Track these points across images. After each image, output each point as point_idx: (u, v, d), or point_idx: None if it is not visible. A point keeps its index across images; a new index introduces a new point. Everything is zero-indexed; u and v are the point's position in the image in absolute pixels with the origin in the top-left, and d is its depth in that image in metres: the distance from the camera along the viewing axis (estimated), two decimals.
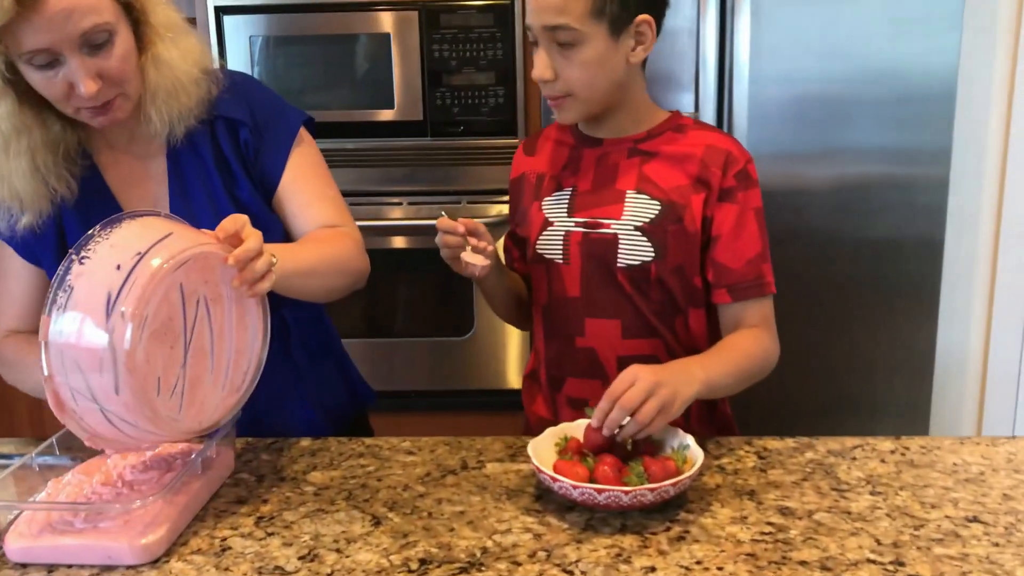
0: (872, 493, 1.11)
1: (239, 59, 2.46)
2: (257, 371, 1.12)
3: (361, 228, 1.42)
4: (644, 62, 1.34)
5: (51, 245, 1.29)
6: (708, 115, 2.21)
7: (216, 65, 1.34)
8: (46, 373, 0.96)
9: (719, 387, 1.23)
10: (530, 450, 1.12)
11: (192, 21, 2.47)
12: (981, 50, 2.36)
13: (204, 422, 1.06)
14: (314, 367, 1.43)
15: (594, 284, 1.35)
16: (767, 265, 1.34)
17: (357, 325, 2.57)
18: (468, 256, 1.26)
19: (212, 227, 1.07)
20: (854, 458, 1.20)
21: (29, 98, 1.18)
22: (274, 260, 1.08)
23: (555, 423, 1.23)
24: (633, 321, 1.35)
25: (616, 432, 1.10)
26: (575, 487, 1.04)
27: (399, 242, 2.53)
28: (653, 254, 1.31)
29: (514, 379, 2.61)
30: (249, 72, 2.45)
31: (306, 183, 1.36)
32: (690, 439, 1.14)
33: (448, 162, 2.51)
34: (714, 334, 1.37)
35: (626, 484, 1.05)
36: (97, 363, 0.92)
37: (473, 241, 1.27)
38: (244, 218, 1.07)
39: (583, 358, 1.39)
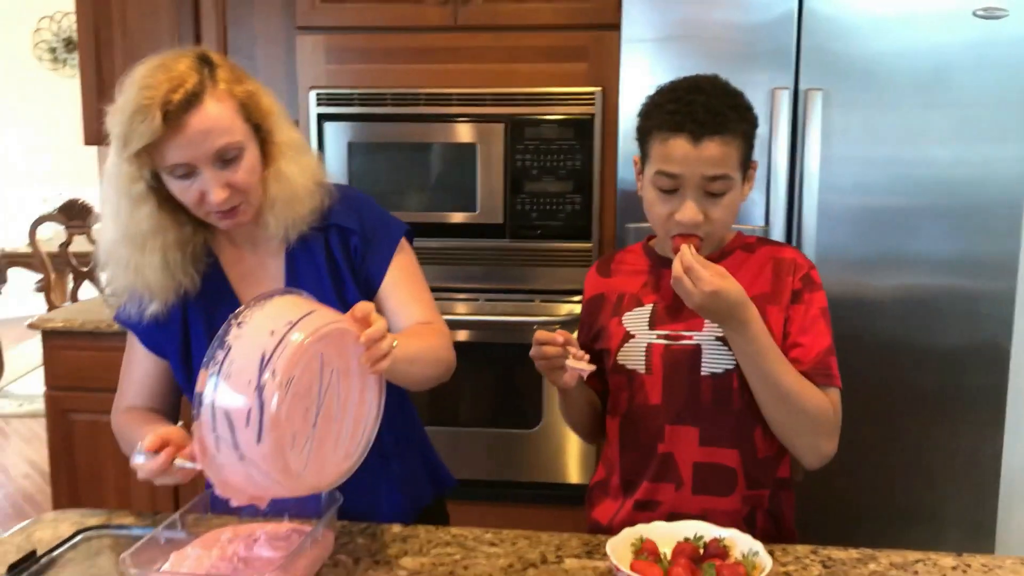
0: None
1: (337, 161, 2.66)
2: (369, 442, 1.23)
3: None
4: None
5: (176, 336, 1.45)
6: (778, 223, 2.31)
7: (328, 179, 1.49)
8: (197, 421, 1.08)
9: (757, 353, 1.35)
10: (608, 549, 1.21)
11: (295, 123, 2.71)
12: None
13: (322, 482, 1.17)
14: (399, 450, 1.54)
15: (676, 392, 1.44)
16: (833, 359, 1.44)
17: (430, 414, 2.68)
18: (573, 363, 1.35)
19: None
20: (915, 572, 1.26)
21: (167, 202, 1.36)
22: (394, 344, 1.20)
23: (616, 529, 1.30)
24: (711, 429, 1.44)
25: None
26: None
27: (476, 336, 2.65)
28: (735, 363, 1.41)
29: (575, 474, 2.70)
30: (345, 173, 2.65)
31: (404, 285, 1.50)
32: (759, 546, 1.22)
33: (525, 263, 2.65)
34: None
35: None
36: (245, 415, 1.05)
37: (572, 350, 1.37)
38: (371, 305, 1.20)
39: (660, 463, 1.47)
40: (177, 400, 1.54)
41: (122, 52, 3.05)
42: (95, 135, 3.12)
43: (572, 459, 2.70)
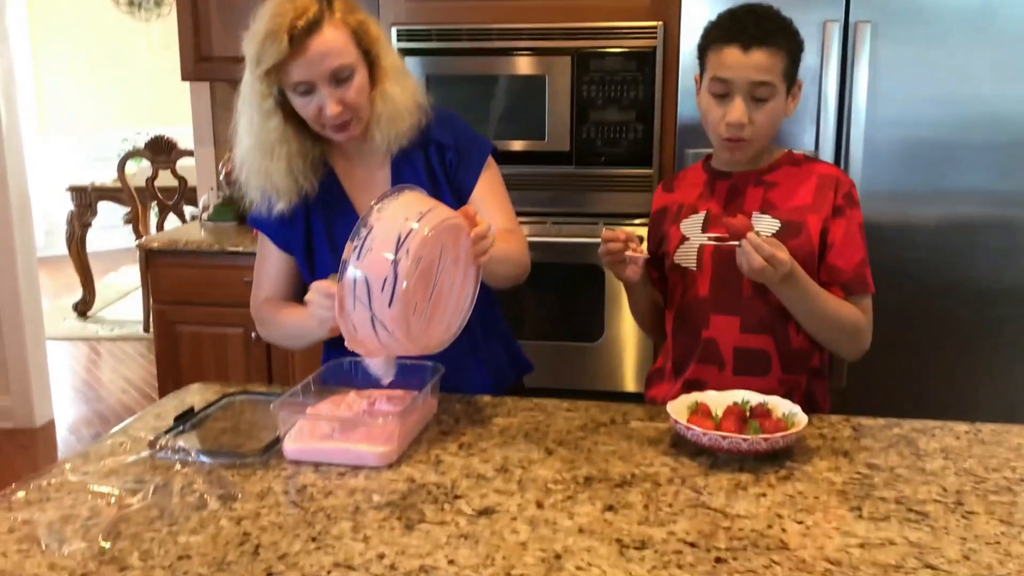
0: (945, 458, 1.38)
1: None
2: (465, 319, 1.47)
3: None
4: None
5: (300, 235, 1.70)
6: (827, 153, 2.47)
7: (425, 101, 1.72)
8: (340, 282, 1.32)
9: (801, 299, 1.56)
10: (669, 408, 1.44)
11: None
12: None
13: (431, 344, 1.41)
14: (485, 336, 1.78)
15: (721, 286, 1.67)
16: (869, 270, 1.66)
17: None
18: (631, 253, 1.59)
19: None
20: (933, 434, 1.48)
21: (292, 118, 1.60)
22: (493, 241, 1.44)
23: None
24: (750, 319, 1.66)
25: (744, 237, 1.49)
26: (704, 434, 1.35)
27: (543, 257, 2.88)
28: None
29: (632, 383, 2.92)
30: None
31: (491, 196, 1.72)
32: (798, 409, 1.44)
33: (589, 188, 2.86)
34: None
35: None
36: (381, 282, 1.29)
37: (633, 245, 1.60)
38: (476, 208, 1.44)
39: (705, 348, 1.70)
40: (304, 292, 1.80)
41: None
42: (190, 72, 3.38)
43: (630, 370, 2.93)
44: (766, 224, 1.64)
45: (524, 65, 2.84)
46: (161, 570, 1.07)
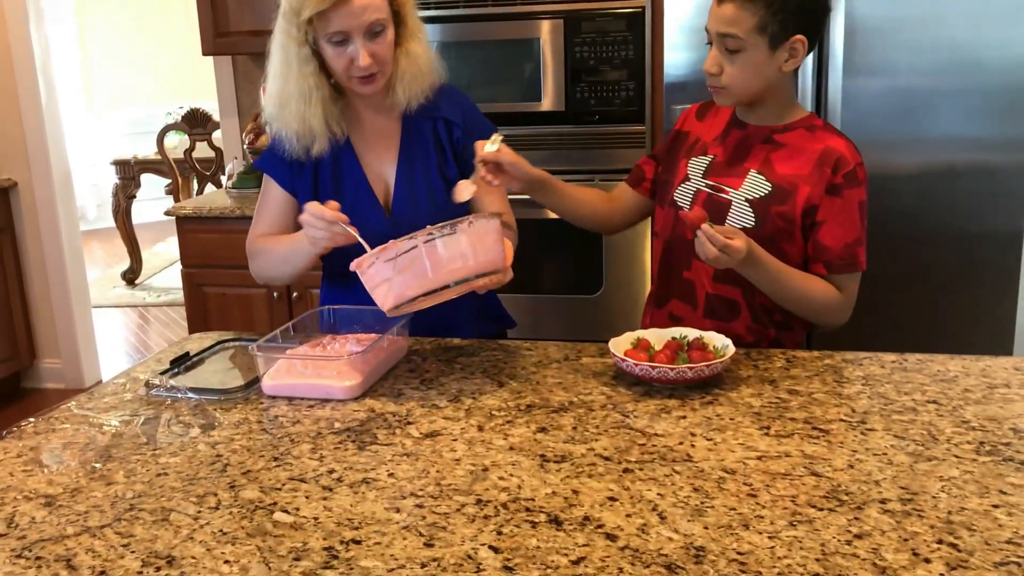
0: (864, 384, 1.50)
1: None
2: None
3: (511, 201, 1.91)
4: (797, 69, 1.72)
5: (308, 181, 1.83)
6: (807, 103, 2.55)
7: (440, 65, 1.84)
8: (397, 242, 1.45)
9: (764, 280, 1.66)
10: (611, 344, 1.57)
11: None
12: None
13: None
14: (471, 299, 1.91)
15: None
16: (862, 248, 1.73)
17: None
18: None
19: (428, 184, 1.70)
20: (861, 364, 1.59)
21: (323, 68, 1.73)
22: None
23: None
24: (723, 269, 1.74)
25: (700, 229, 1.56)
26: (636, 365, 1.48)
27: (541, 213, 3.00)
28: (753, 223, 1.71)
29: None
30: None
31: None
32: (730, 342, 1.56)
33: (585, 146, 2.97)
34: None
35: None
36: (408, 274, 1.46)
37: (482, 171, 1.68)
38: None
39: (685, 287, 1.82)
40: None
41: None
42: (210, 47, 3.55)
43: (629, 321, 3.05)
44: (758, 185, 1.72)
45: (518, 29, 2.95)
46: (141, 484, 1.24)
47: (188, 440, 1.38)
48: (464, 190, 1.68)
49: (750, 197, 1.72)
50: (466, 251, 1.47)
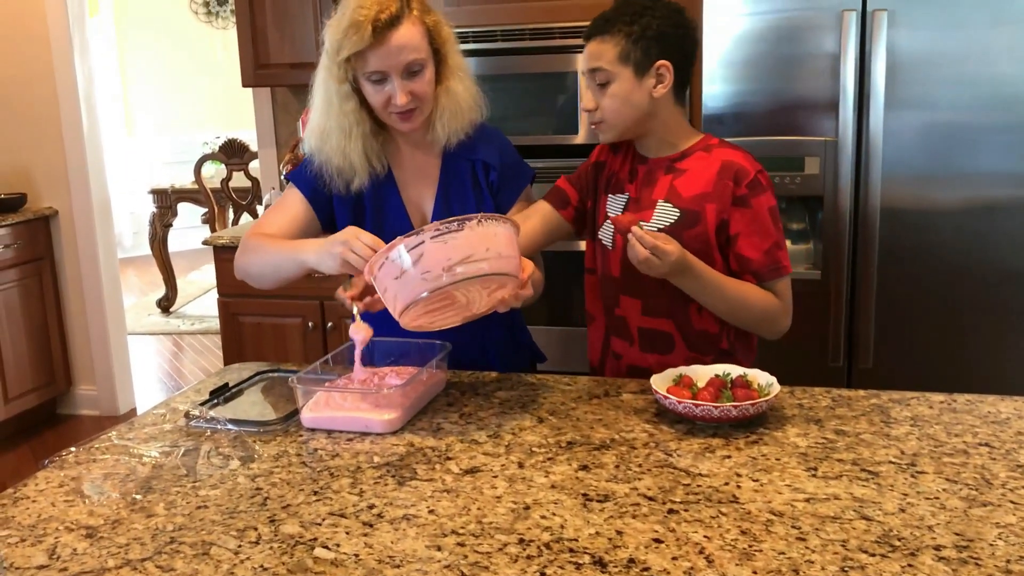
0: (912, 425, 1.46)
1: None
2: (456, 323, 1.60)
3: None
4: (685, 95, 1.76)
5: (349, 208, 1.83)
6: (847, 139, 2.53)
7: (483, 103, 1.85)
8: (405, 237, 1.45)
9: (701, 289, 1.66)
10: (652, 381, 1.55)
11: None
12: None
13: (413, 325, 1.53)
14: (496, 328, 1.91)
15: (628, 268, 1.73)
16: (782, 252, 1.72)
17: (536, 312, 3.06)
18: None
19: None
20: (908, 404, 1.55)
21: (364, 103, 1.75)
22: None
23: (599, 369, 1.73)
24: (651, 302, 1.77)
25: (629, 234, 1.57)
26: (679, 402, 1.46)
27: (571, 246, 3.00)
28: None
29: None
30: None
31: (522, 220, 1.84)
32: (774, 380, 1.54)
33: None
34: (719, 321, 1.75)
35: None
36: (419, 271, 1.45)
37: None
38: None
39: (619, 324, 1.83)
40: None
41: (271, 5, 3.49)
42: (251, 78, 3.60)
43: None
44: (667, 213, 1.73)
45: (554, 63, 2.96)
46: (181, 517, 1.24)
47: (228, 472, 1.38)
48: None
49: (661, 226, 1.72)
50: (476, 248, 1.44)
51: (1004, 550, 1.08)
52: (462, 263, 1.43)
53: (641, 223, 1.63)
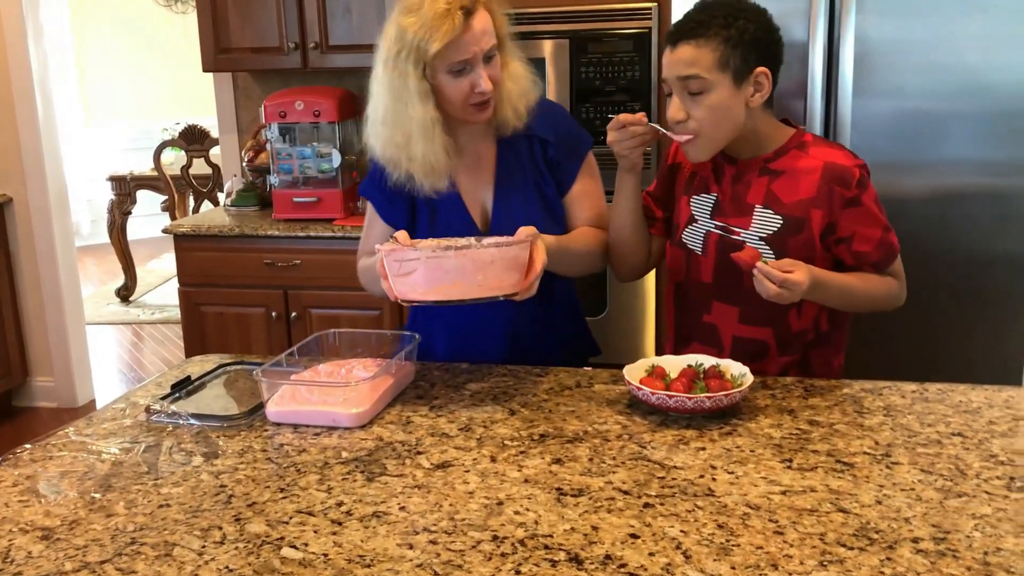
0: (885, 415, 1.46)
1: None
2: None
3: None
4: (773, 99, 1.67)
5: (403, 210, 1.82)
6: (815, 125, 2.52)
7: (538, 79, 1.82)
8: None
9: (831, 298, 1.64)
10: (625, 371, 1.53)
11: None
12: None
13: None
14: (563, 319, 1.91)
15: (723, 274, 1.71)
16: (891, 233, 1.70)
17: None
18: (674, 135, 1.63)
19: (524, 205, 1.74)
20: (881, 393, 1.55)
21: (436, 103, 1.69)
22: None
23: None
24: (750, 310, 1.71)
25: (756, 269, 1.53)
26: (653, 394, 1.44)
27: None
28: (774, 260, 1.61)
29: (638, 355, 3.00)
30: None
31: (585, 195, 1.83)
32: (747, 371, 1.52)
33: None
34: (823, 316, 1.72)
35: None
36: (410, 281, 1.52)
37: (658, 127, 1.64)
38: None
39: (706, 331, 1.76)
40: None
41: None
42: (211, 63, 3.52)
43: (633, 342, 3.02)
44: (768, 220, 1.67)
45: (523, 49, 2.90)
46: (143, 516, 1.20)
47: (191, 469, 1.33)
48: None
49: (763, 235, 1.67)
50: (466, 275, 1.47)
51: (981, 541, 1.08)
52: (451, 288, 1.48)
53: (764, 258, 1.57)
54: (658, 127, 1.63)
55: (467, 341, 1.83)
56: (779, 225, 1.66)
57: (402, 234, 1.63)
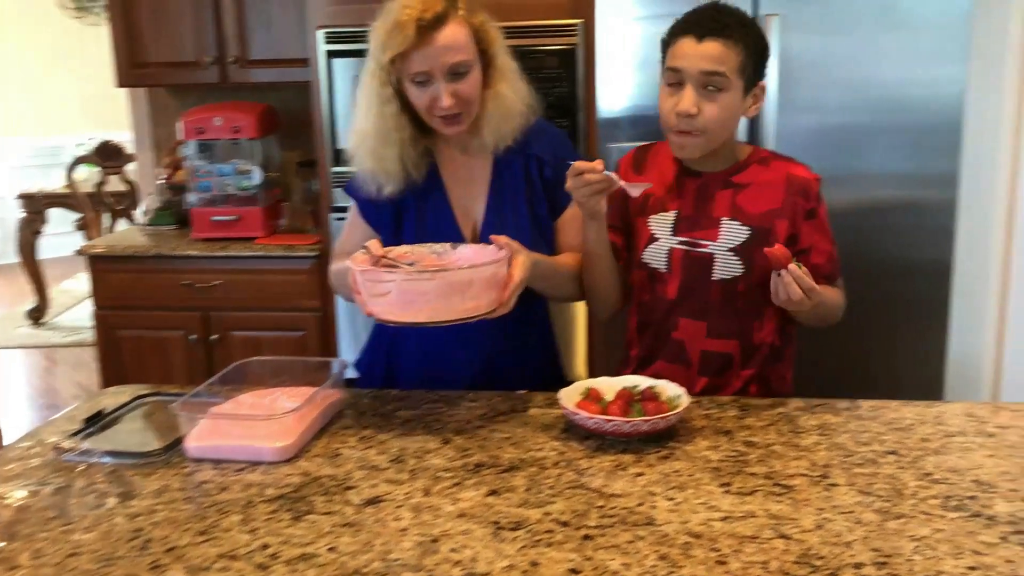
0: (820, 434, 1.45)
1: (347, 96, 2.91)
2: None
3: None
4: None
5: (388, 215, 1.77)
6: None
7: (535, 104, 1.76)
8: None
9: (815, 310, 1.61)
10: (560, 395, 1.50)
11: (305, 62, 2.96)
12: (987, 79, 2.65)
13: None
14: (532, 342, 1.85)
15: (689, 290, 1.69)
16: (836, 247, 1.74)
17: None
18: (629, 185, 1.59)
19: (516, 222, 1.67)
20: (814, 411, 1.54)
21: (407, 108, 1.67)
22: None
23: None
24: (718, 324, 1.69)
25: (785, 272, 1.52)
26: (590, 418, 1.41)
27: None
28: (742, 270, 1.65)
29: (575, 373, 2.97)
30: (351, 104, 2.90)
31: (575, 219, 1.76)
32: (683, 392, 1.50)
33: None
34: (780, 328, 1.73)
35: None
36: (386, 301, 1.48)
37: (613, 176, 1.57)
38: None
39: (673, 348, 1.73)
40: None
41: (147, 1, 3.30)
42: (126, 78, 3.40)
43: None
44: (735, 232, 1.66)
45: None
46: (50, 567, 1.12)
47: (104, 512, 1.25)
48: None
49: (731, 246, 1.66)
50: (442, 298, 1.44)
51: (922, 564, 1.07)
52: (427, 310, 1.45)
53: (798, 263, 1.55)
54: (614, 177, 1.57)
55: (437, 364, 1.78)
56: (747, 236, 1.66)
57: (375, 244, 1.58)
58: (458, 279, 1.45)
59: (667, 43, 1.66)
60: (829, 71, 2.49)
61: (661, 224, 1.72)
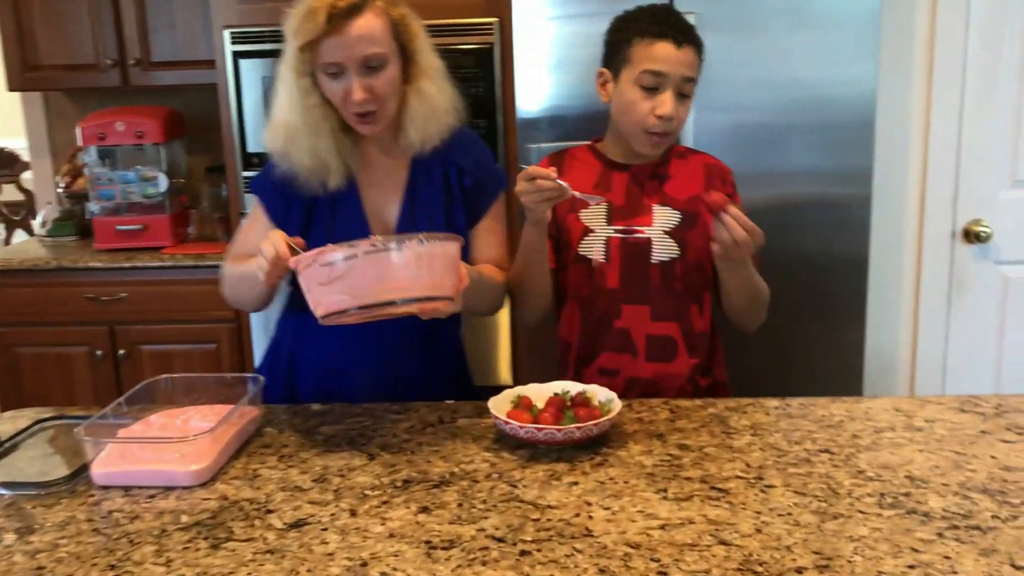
0: (753, 435, 1.44)
1: (254, 96, 2.81)
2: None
3: None
4: None
5: (299, 215, 1.67)
6: None
7: (462, 108, 1.69)
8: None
9: (749, 278, 1.68)
10: (490, 404, 1.45)
11: (212, 63, 2.85)
12: (897, 77, 2.71)
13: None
14: (442, 353, 1.78)
15: (630, 277, 1.70)
16: None
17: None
18: (581, 194, 1.54)
19: (430, 229, 1.49)
20: (745, 411, 1.53)
21: (325, 98, 1.58)
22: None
23: None
24: (660, 307, 1.71)
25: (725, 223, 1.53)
26: (521, 427, 1.37)
27: None
28: (678, 252, 1.70)
29: (500, 377, 2.94)
30: (261, 108, 2.81)
31: (492, 232, 1.74)
32: (614, 396, 1.47)
33: None
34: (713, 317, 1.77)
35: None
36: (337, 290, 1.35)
37: (566, 185, 1.52)
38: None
39: (618, 337, 1.73)
40: None
41: (39, 1, 3.14)
42: (18, 82, 3.23)
43: (488, 369, 2.95)
44: (667, 216, 1.71)
45: None
46: None
47: (1, 550, 1.16)
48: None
49: (666, 229, 1.71)
50: (409, 271, 1.34)
51: (863, 566, 1.06)
52: (391, 288, 1.33)
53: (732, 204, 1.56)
54: (566, 186, 1.52)
55: (339, 381, 1.70)
56: (678, 219, 1.72)
57: (299, 240, 1.48)
58: (430, 251, 1.35)
59: (628, 43, 1.67)
60: (744, 70, 2.51)
61: (594, 216, 1.74)
